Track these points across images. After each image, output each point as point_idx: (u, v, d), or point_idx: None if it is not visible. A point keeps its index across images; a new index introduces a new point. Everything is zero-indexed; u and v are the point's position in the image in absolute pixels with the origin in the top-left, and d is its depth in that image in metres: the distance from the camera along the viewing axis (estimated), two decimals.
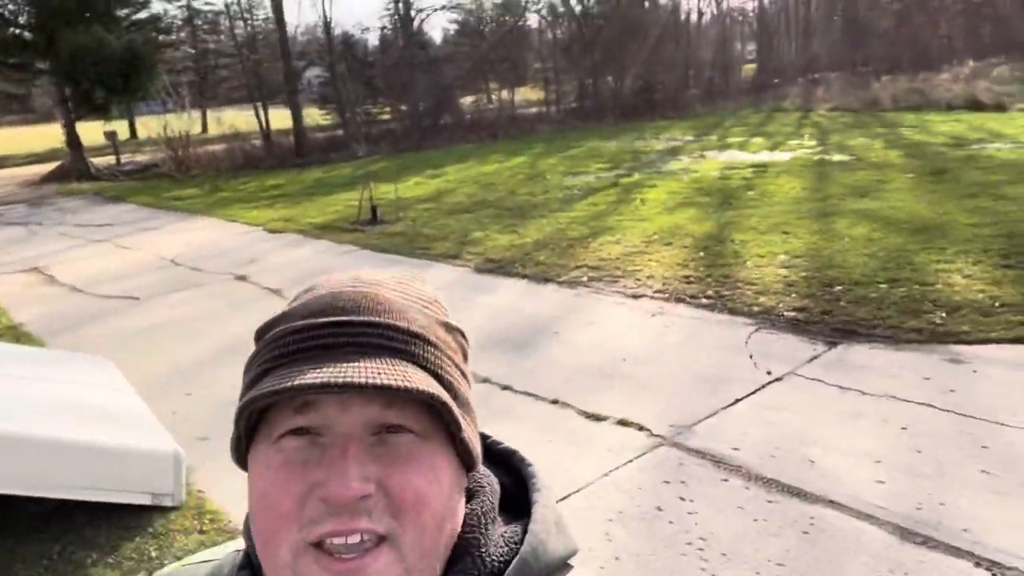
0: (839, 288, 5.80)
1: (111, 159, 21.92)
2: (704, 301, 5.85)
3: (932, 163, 11.36)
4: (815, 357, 4.64)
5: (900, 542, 2.84)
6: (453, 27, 40.62)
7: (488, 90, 30.54)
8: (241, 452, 0.57)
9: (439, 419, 0.55)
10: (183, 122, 19.84)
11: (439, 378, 0.55)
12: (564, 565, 0.60)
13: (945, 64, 26.30)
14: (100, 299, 7.41)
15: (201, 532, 3.26)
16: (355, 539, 0.51)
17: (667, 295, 6.06)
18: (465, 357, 0.61)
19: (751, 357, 4.71)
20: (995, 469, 3.27)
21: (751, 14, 39.44)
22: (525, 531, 0.59)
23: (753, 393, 4.20)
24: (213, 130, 25.23)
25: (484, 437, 0.65)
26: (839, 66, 31.32)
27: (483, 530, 0.58)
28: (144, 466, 3.44)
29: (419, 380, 0.52)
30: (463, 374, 0.59)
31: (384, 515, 0.51)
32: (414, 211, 10.91)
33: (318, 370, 0.51)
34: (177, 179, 18.30)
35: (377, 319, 0.55)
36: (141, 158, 21.71)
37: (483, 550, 0.57)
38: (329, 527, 0.50)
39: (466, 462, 0.58)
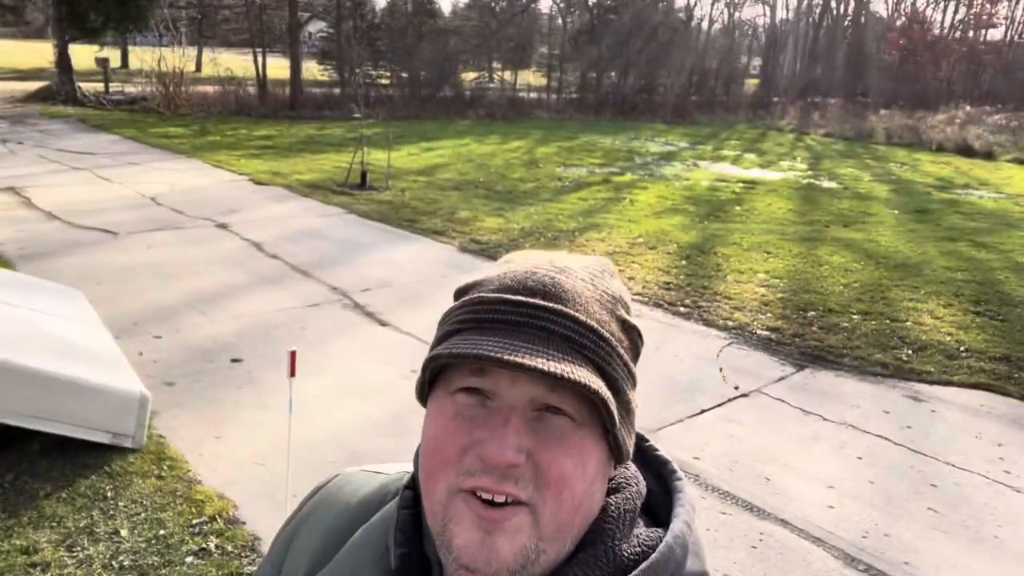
0: (813, 313, 5.91)
1: (100, 86, 21.37)
2: (681, 309, 5.92)
3: (916, 202, 11.58)
4: (782, 378, 4.74)
5: (844, 567, 2.93)
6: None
7: (491, 69, 30.31)
8: (424, 394, 0.64)
9: (596, 411, 0.58)
10: (178, 58, 19.38)
11: (603, 373, 0.59)
12: None
13: (942, 106, 26.68)
14: (76, 229, 7.26)
15: (159, 478, 3.24)
16: (500, 499, 0.56)
17: (646, 299, 6.12)
18: (636, 356, 0.64)
19: (720, 370, 4.79)
20: (941, 507, 3.38)
21: (761, 29, 39.60)
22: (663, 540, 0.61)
23: (719, 406, 4.28)
24: (207, 70, 24.68)
25: (643, 439, 0.69)
26: (839, 93, 31.62)
27: (620, 525, 0.61)
28: (108, 404, 3.41)
29: (583, 373, 0.56)
30: (629, 373, 0.62)
31: (529, 484, 0.56)
32: (404, 181, 10.84)
33: (498, 344, 0.56)
34: (165, 116, 17.93)
35: (560, 307, 0.58)
36: (131, 89, 21.19)
37: (616, 543, 0.60)
38: (482, 482, 0.56)
39: (615, 455, 0.62)
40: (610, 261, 0.67)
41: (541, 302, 0.58)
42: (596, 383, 0.56)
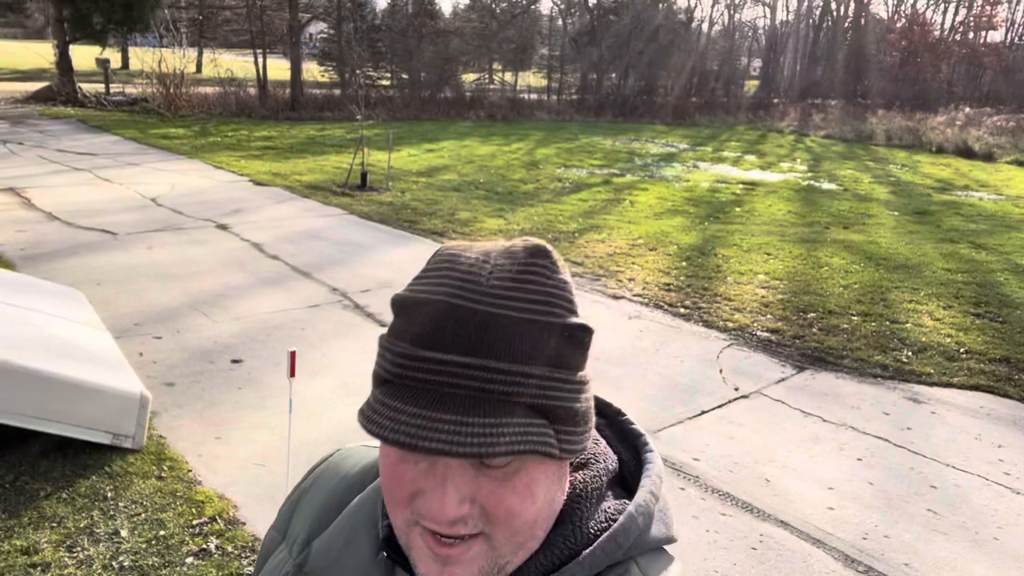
0: (813, 315, 5.91)
1: (100, 87, 21.39)
2: (682, 310, 5.92)
3: (916, 204, 11.58)
4: (782, 379, 4.74)
5: (844, 568, 2.93)
6: (464, 0, 40.22)
7: (492, 70, 30.34)
8: None
9: None
10: (178, 59, 19.38)
11: (539, 407, 0.56)
12: (659, 549, 0.65)
13: (942, 107, 26.70)
14: (76, 229, 7.27)
15: (159, 478, 3.24)
16: (454, 536, 0.57)
17: (646, 300, 6.13)
18: (584, 353, 0.60)
19: (720, 372, 4.79)
20: (940, 509, 3.38)
21: (761, 31, 39.62)
22: None
23: (719, 407, 4.28)
24: (208, 72, 24.69)
25: (619, 413, 0.72)
26: (839, 95, 31.63)
27: (587, 504, 0.63)
28: (109, 405, 3.41)
29: (508, 433, 0.53)
30: (573, 386, 0.58)
31: (479, 522, 0.57)
32: (405, 182, 10.85)
33: (416, 416, 0.53)
34: (166, 117, 17.93)
35: (477, 361, 0.54)
36: (131, 90, 21.19)
37: (583, 522, 0.62)
38: (432, 526, 0.57)
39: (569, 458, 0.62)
40: (545, 244, 0.60)
41: (460, 359, 0.54)
42: (522, 440, 0.54)
